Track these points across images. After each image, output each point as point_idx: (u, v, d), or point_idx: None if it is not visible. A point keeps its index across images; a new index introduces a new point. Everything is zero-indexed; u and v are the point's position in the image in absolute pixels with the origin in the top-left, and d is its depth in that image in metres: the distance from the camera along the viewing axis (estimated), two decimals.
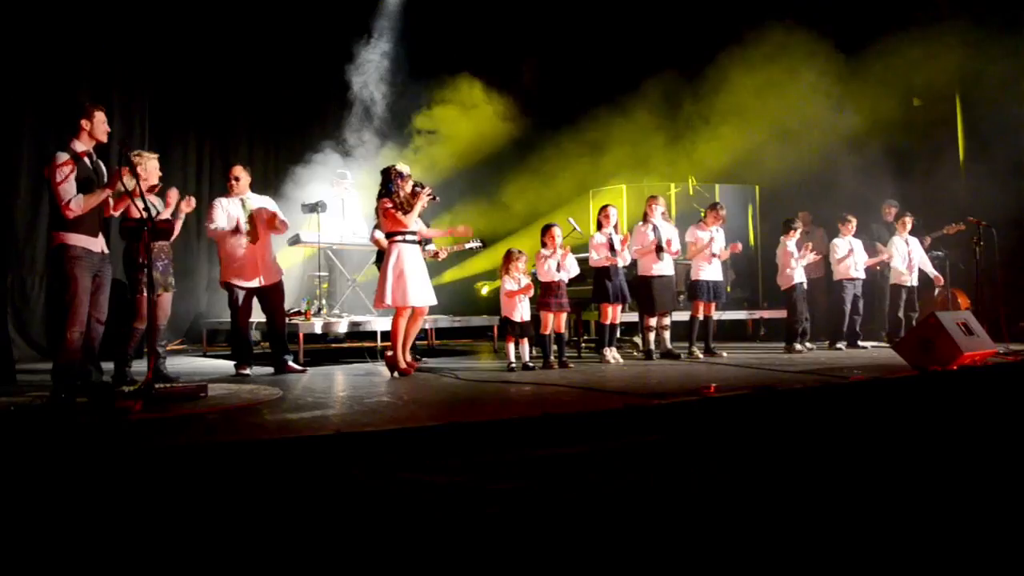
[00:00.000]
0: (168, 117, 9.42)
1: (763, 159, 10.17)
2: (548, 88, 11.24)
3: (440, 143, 10.53)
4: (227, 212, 6.20)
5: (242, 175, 6.33)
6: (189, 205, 5.75)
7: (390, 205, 5.87)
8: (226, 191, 6.36)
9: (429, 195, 5.97)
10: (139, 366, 5.91)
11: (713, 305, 7.65)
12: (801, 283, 8.04)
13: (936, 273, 8.62)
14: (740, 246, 7.83)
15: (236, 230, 6.16)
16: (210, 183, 9.98)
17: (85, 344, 4.71)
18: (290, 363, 6.32)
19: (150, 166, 5.77)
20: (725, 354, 7.41)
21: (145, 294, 5.61)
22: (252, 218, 6.22)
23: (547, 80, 11.19)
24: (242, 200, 6.26)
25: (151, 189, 5.71)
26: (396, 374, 5.95)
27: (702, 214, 8.06)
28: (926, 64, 8.93)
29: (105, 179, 4.82)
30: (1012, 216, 8.61)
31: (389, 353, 6.10)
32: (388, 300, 5.85)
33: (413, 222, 5.93)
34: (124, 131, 8.56)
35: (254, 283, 6.19)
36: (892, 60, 9.07)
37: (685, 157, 10.46)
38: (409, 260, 5.88)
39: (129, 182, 4.63)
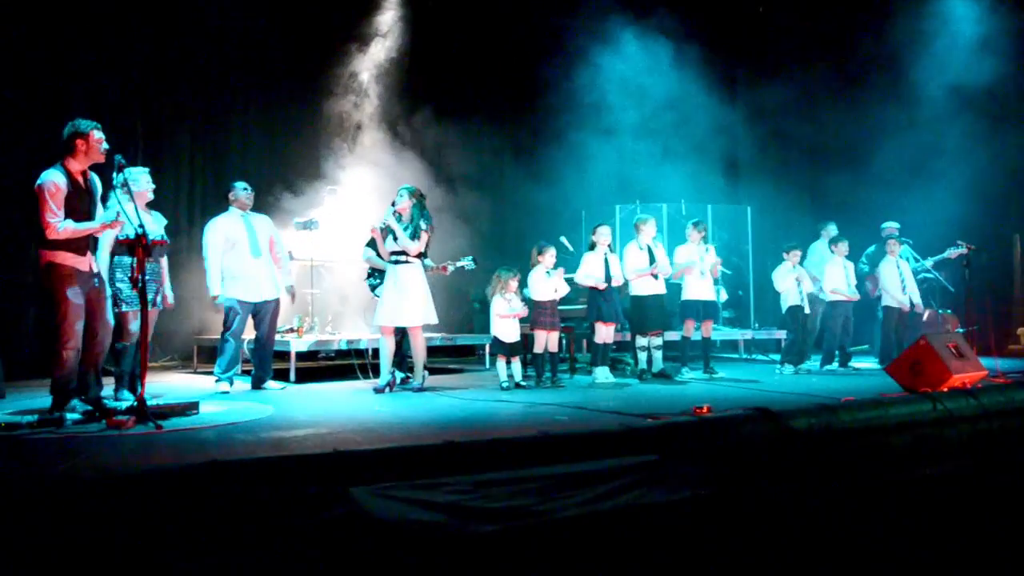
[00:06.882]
0: (161, 131, 9.40)
1: (755, 179, 10.27)
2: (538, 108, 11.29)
3: (432, 161, 10.57)
4: (224, 233, 6.18)
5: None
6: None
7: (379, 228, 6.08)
8: (221, 207, 6.33)
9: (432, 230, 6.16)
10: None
11: (710, 323, 7.66)
12: (800, 306, 7.93)
13: (919, 302, 8.56)
14: (713, 249, 7.77)
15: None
16: (203, 198, 9.96)
17: (90, 360, 4.66)
18: (269, 381, 6.31)
19: (140, 180, 5.76)
20: (723, 373, 7.41)
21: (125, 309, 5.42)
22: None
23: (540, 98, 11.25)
24: (243, 216, 6.29)
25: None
26: (374, 391, 6.04)
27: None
28: None
29: (99, 196, 4.80)
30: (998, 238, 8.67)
31: None
32: (376, 319, 6.10)
33: (412, 248, 6.00)
34: (117, 146, 8.52)
35: (255, 298, 6.18)
36: None
37: (677, 177, 10.54)
38: (390, 280, 6.03)
39: (124, 203, 4.62)
